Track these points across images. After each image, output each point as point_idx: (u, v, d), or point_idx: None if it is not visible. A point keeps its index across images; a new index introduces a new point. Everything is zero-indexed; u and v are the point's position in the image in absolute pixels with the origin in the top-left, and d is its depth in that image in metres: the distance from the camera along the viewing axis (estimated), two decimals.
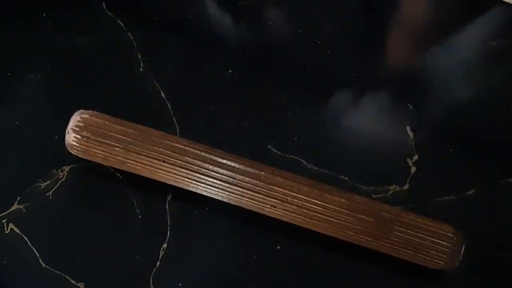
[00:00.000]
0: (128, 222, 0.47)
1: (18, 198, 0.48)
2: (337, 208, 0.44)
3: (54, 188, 0.48)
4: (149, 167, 0.45)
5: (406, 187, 0.50)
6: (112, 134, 0.45)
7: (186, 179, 0.45)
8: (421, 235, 0.44)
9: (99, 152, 0.45)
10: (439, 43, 0.56)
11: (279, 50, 0.55)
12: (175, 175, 0.45)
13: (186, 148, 0.45)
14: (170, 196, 0.48)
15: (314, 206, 0.44)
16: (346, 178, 0.50)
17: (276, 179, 0.45)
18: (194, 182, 0.45)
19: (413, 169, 0.51)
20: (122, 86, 0.52)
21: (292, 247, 0.48)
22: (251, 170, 0.45)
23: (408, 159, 0.51)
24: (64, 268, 0.46)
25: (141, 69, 0.52)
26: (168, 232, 0.47)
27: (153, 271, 0.46)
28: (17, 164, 0.49)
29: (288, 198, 0.44)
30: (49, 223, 0.47)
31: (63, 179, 0.48)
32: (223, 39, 0.55)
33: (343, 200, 0.45)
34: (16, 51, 0.53)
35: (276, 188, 0.44)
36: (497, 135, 0.53)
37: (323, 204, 0.44)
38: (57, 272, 0.46)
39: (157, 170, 0.45)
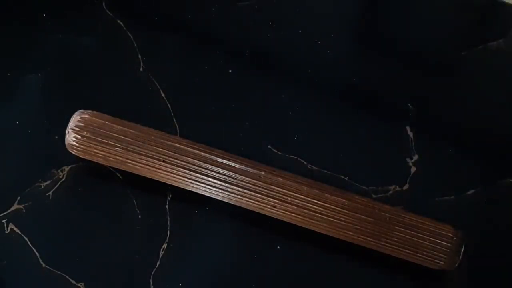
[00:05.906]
0: (128, 222, 0.47)
1: (18, 198, 0.47)
2: (337, 208, 0.44)
3: (54, 188, 0.48)
4: (149, 167, 0.45)
5: (406, 187, 0.50)
6: (112, 134, 0.45)
7: (186, 179, 0.45)
8: (421, 235, 0.44)
9: (99, 152, 0.45)
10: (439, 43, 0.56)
11: (279, 50, 0.55)
12: (175, 175, 0.45)
13: (186, 148, 0.45)
14: (170, 196, 0.48)
15: (314, 206, 0.44)
16: (346, 178, 0.50)
17: (276, 179, 0.45)
18: (194, 182, 0.45)
19: (413, 169, 0.50)
20: (122, 86, 0.52)
21: (292, 247, 0.48)
22: (251, 170, 0.45)
23: (408, 159, 0.51)
24: (64, 268, 0.46)
25: (141, 69, 0.52)
26: (168, 232, 0.47)
27: (153, 271, 0.46)
28: (17, 164, 0.49)
29: (288, 198, 0.44)
30: (49, 223, 0.47)
31: (63, 179, 0.48)
32: (223, 39, 0.55)
33: (343, 200, 0.45)
34: (16, 51, 0.53)
35: (276, 188, 0.44)
36: (497, 135, 0.53)
37: (323, 204, 0.44)
38: (57, 272, 0.46)
39: (157, 170, 0.45)
